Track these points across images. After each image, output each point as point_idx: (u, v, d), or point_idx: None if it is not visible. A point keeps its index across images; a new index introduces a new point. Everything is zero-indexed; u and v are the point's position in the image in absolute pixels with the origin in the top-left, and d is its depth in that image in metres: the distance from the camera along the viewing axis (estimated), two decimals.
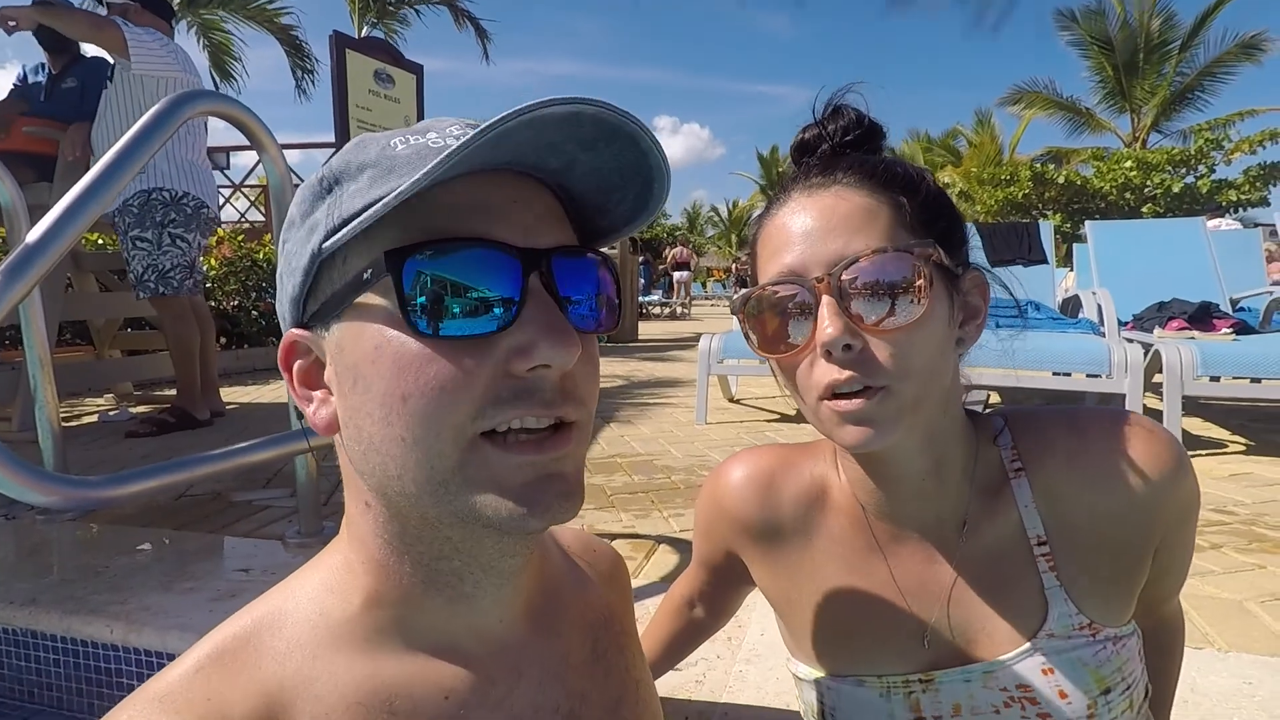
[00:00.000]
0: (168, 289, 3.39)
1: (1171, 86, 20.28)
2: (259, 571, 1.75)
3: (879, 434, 0.62)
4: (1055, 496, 0.69)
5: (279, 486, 2.62)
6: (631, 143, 0.44)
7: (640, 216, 0.50)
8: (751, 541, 0.80)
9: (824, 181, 0.66)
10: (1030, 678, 0.67)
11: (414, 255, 0.41)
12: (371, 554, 0.48)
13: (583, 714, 0.53)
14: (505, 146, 0.40)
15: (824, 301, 0.62)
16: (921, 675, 0.71)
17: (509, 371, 0.42)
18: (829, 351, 0.62)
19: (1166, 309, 4.72)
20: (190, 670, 0.44)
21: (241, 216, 9.40)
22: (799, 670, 0.79)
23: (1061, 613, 0.68)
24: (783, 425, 3.92)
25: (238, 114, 1.71)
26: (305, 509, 1.97)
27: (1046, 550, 0.69)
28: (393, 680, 0.46)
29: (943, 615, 0.71)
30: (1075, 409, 0.75)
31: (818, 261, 0.63)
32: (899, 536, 0.73)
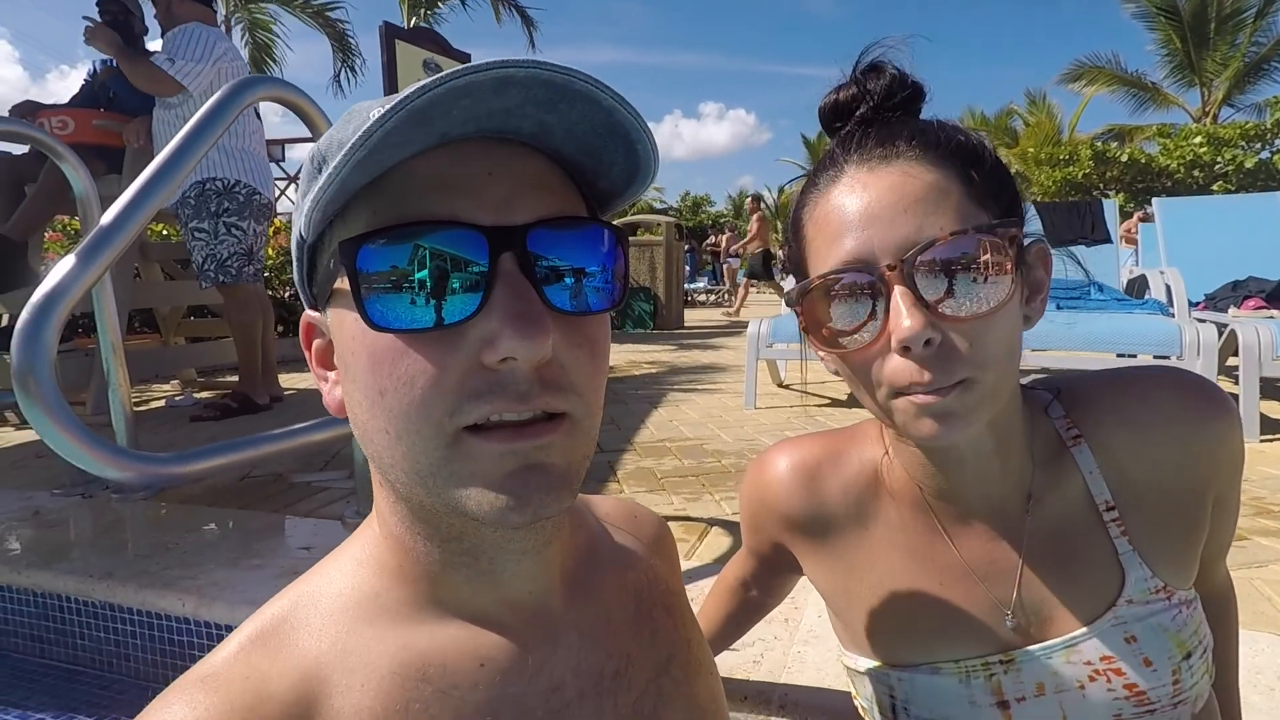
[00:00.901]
0: (227, 277, 3.48)
1: (1245, 58, 19.22)
2: (320, 550, 1.77)
3: (959, 427, 0.58)
4: (1117, 458, 0.67)
5: (336, 469, 2.68)
6: (591, 102, 0.40)
7: (636, 180, 0.46)
8: (800, 536, 0.77)
9: (885, 154, 0.61)
10: (1114, 648, 0.65)
11: (366, 244, 0.39)
12: (392, 530, 0.48)
13: (630, 675, 0.53)
14: (454, 116, 0.38)
15: (897, 292, 0.57)
16: (1001, 656, 0.68)
17: (481, 363, 0.39)
18: (906, 347, 0.57)
19: (1242, 288, 4.51)
20: (233, 652, 0.45)
21: None
22: (857, 664, 0.76)
23: (1138, 577, 0.66)
24: (834, 410, 3.85)
25: (294, 98, 1.75)
26: (362, 489, 2.01)
27: (1116, 515, 0.67)
28: (426, 650, 0.46)
29: (1018, 592, 0.68)
30: (1115, 370, 0.72)
31: (887, 247, 0.58)
32: (962, 516, 0.70)
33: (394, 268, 0.39)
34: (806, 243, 0.65)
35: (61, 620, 1.65)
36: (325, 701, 0.44)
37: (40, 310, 1.14)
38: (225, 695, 0.42)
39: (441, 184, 0.40)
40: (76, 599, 1.63)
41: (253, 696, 0.42)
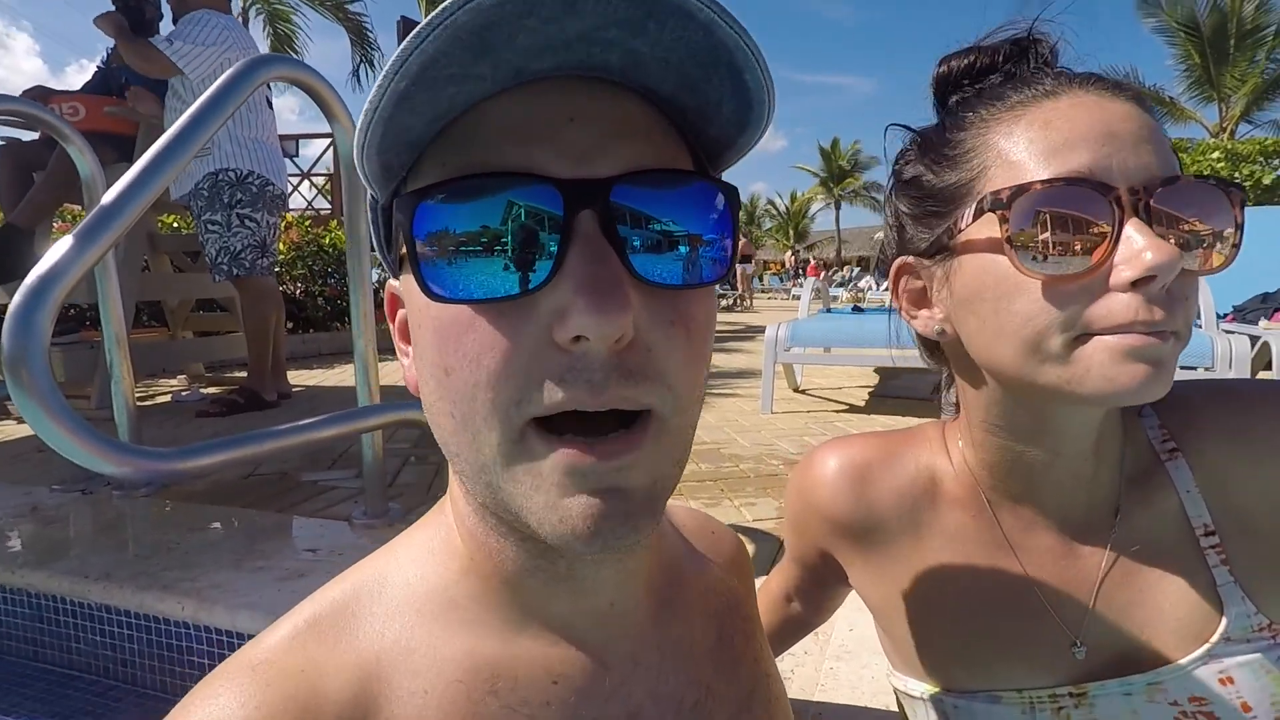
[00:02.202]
0: (240, 270, 3.42)
1: (1264, 74, 19.17)
2: (326, 552, 1.72)
3: (1163, 379, 0.51)
4: (1222, 478, 0.61)
5: (344, 468, 2.60)
6: (686, 16, 0.32)
7: (750, 123, 0.38)
8: (847, 542, 0.71)
9: (1113, 88, 0.54)
10: (1206, 689, 0.59)
11: (425, 200, 0.34)
12: (464, 520, 0.43)
13: (711, 708, 0.47)
14: (521, 44, 0.32)
15: (1134, 222, 0.50)
16: (1072, 689, 0.62)
17: (553, 341, 0.33)
18: (1144, 280, 0.49)
19: (1272, 299, 4.43)
20: (286, 638, 0.41)
21: (309, 204, 9.61)
22: (909, 687, 0.70)
23: (1239, 612, 0.59)
24: (851, 416, 3.77)
25: (310, 80, 1.67)
26: (371, 489, 1.94)
27: (1216, 541, 0.60)
28: (495, 658, 0.42)
29: (1093, 618, 0.62)
30: (1225, 381, 0.65)
31: (1125, 172, 0.51)
32: (1033, 530, 0.64)
33: (456, 228, 0.34)
34: (988, 158, 0.56)
35: (57, 622, 1.58)
36: (385, 706, 0.40)
37: (34, 294, 1.07)
38: (279, 689, 0.38)
39: (514, 130, 0.34)
40: (72, 600, 1.55)
41: (307, 693, 0.38)
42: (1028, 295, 0.53)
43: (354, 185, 1.80)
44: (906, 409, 3.91)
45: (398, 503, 2.03)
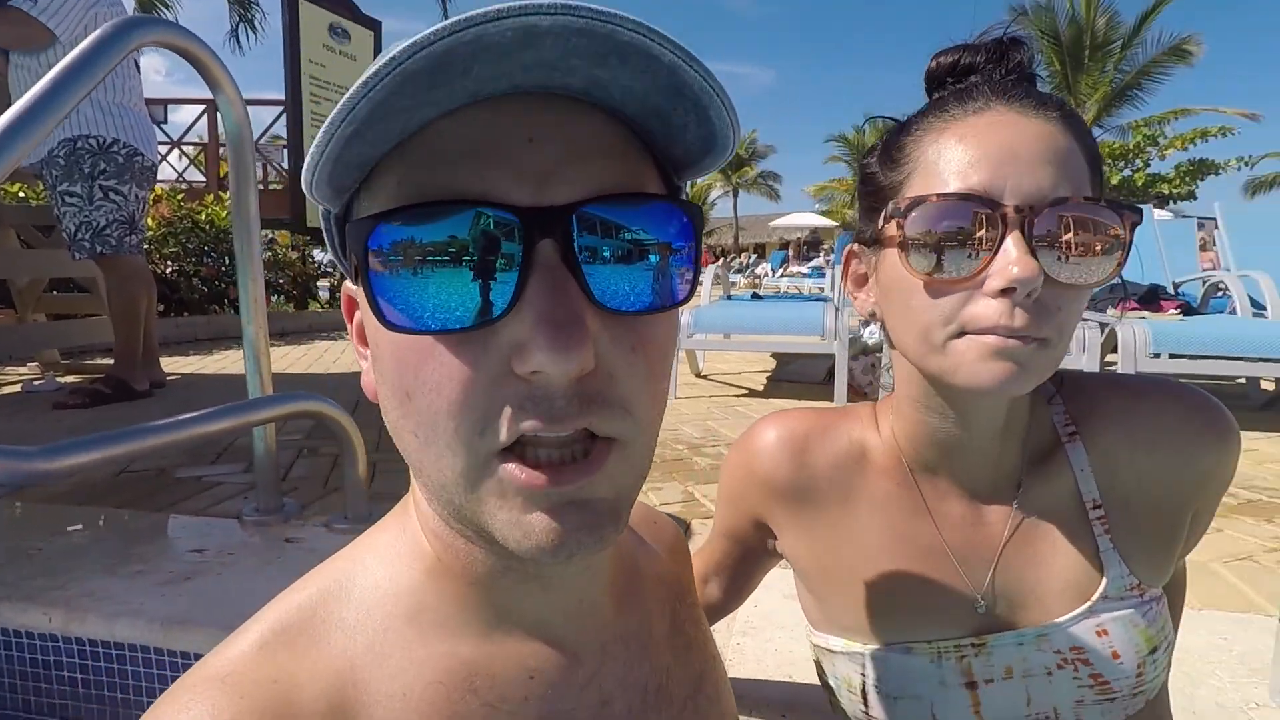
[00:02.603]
0: (106, 248, 3.13)
1: (1113, 83, 20.99)
2: (215, 552, 1.61)
3: (1021, 381, 0.58)
4: (1112, 460, 0.69)
5: (230, 461, 2.45)
6: (648, 56, 0.32)
7: (715, 146, 0.38)
8: (783, 506, 0.76)
9: (1038, 106, 0.59)
10: (1084, 639, 0.67)
11: (378, 226, 0.33)
12: (429, 523, 0.43)
13: (671, 689, 0.50)
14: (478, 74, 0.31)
15: (1014, 236, 0.56)
16: (974, 639, 0.69)
17: (512, 371, 0.33)
18: (1007, 290, 0.56)
19: (1118, 290, 4.90)
20: (254, 648, 0.40)
21: (179, 176, 8.90)
22: (829, 643, 0.76)
23: (1116, 574, 0.67)
24: (752, 400, 3.89)
25: (190, 46, 1.53)
26: (263, 484, 1.84)
27: (1101, 514, 0.68)
28: (472, 658, 0.42)
29: (994, 578, 0.69)
30: (1126, 375, 0.75)
31: (1018, 190, 0.56)
32: (947, 498, 0.71)
33: (411, 256, 0.33)
34: (918, 164, 0.62)
35: None
36: (363, 712, 0.39)
37: None
38: (253, 702, 0.36)
39: (471, 151, 0.33)
40: None
41: (282, 704, 0.37)
42: (920, 293, 0.61)
43: (242, 161, 1.67)
44: (801, 392, 4.07)
45: (292, 498, 1.94)
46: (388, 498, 2.09)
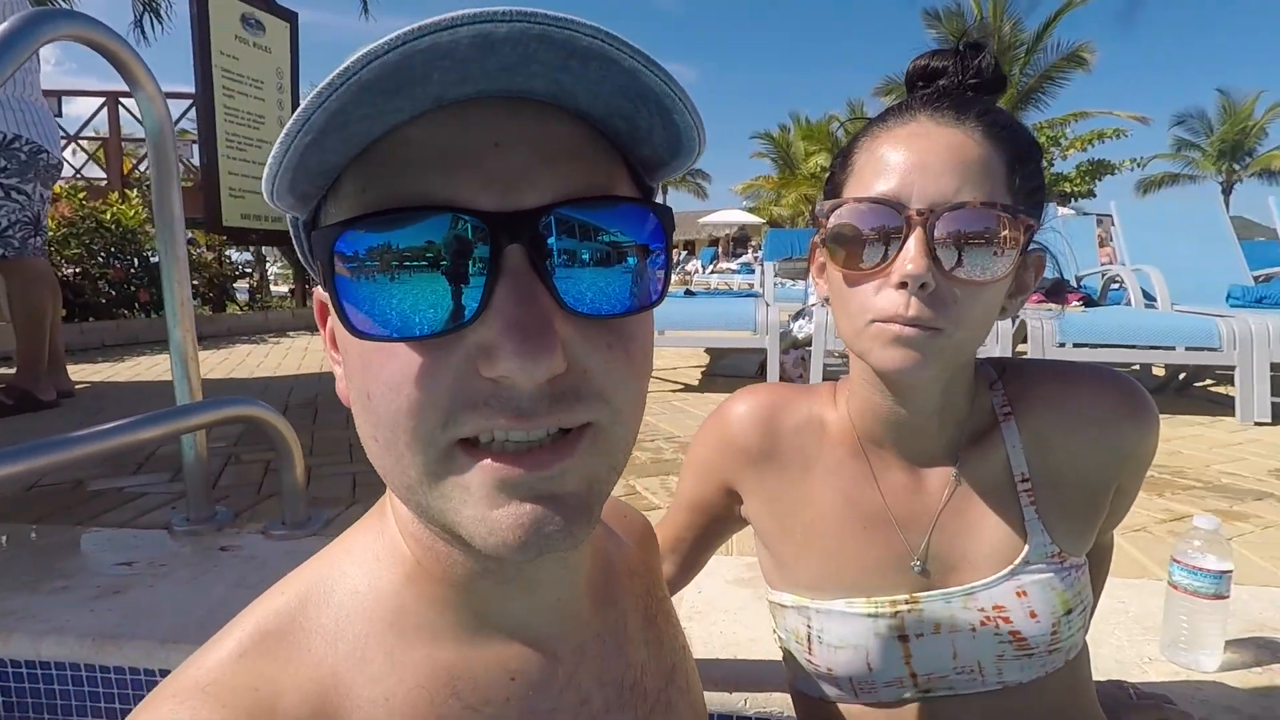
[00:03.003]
0: (9, 250, 2.95)
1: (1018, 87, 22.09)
2: (144, 564, 1.57)
3: (921, 365, 0.65)
4: (1042, 439, 0.75)
5: (155, 470, 2.36)
6: (608, 61, 0.32)
7: (680, 149, 0.38)
8: (752, 470, 0.82)
9: (957, 117, 0.66)
10: (1006, 599, 0.73)
11: (345, 233, 0.32)
12: (407, 526, 0.43)
13: (645, 683, 0.51)
14: (439, 80, 0.31)
15: (915, 236, 0.63)
16: (908, 597, 0.75)
17: (478, 372, 0.33)
18: (904, 284, 0.63)
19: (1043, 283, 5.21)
20: (233, 655, 0.39)
21: (77, 172, 8.39)
22: (782, 599, 0.82)
23: (1038, 542, 0.74)
24: (687, 394, 3.96)
25: (106, 41, 1.48)
26: (194, 492, 1.79)
27: (1029, 487, 0.75)
28: (453, 661, 0.42)
29: (930, 541, 0.76)
30: (1061, 363, 0.81)
31: (923, 195, 0.63)
32: (891, 468, 0.77)
33: (378, 263, 0.32)
34: (854, 168, 0.70)
35: None
36: (345, 718, 0.39)
37: None
38: (233, 710, 0.36)
39: (437, 158, 0.33)
40: None
41: (264, 712, 0.36)
42: (844, 284, 0.69)
43: (164, 159, 1.62)
44: (736, 386, 4.07)
45: (224, 505, 1.89)
46: (325, 503, 2.05)
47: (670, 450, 2.82)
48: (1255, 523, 2.08)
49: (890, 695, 0.77)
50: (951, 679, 0.75)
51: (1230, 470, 2.63)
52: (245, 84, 6.66)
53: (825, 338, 3.78)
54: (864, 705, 0.78)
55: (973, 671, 0.74)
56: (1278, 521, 2.09)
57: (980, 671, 0.74)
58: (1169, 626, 1.23)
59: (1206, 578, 1.17)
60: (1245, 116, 28.31)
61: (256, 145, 6.82)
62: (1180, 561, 1.20)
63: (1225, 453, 2.89)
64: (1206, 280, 4.45)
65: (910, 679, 0.76)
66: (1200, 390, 4.26)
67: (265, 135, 7.02)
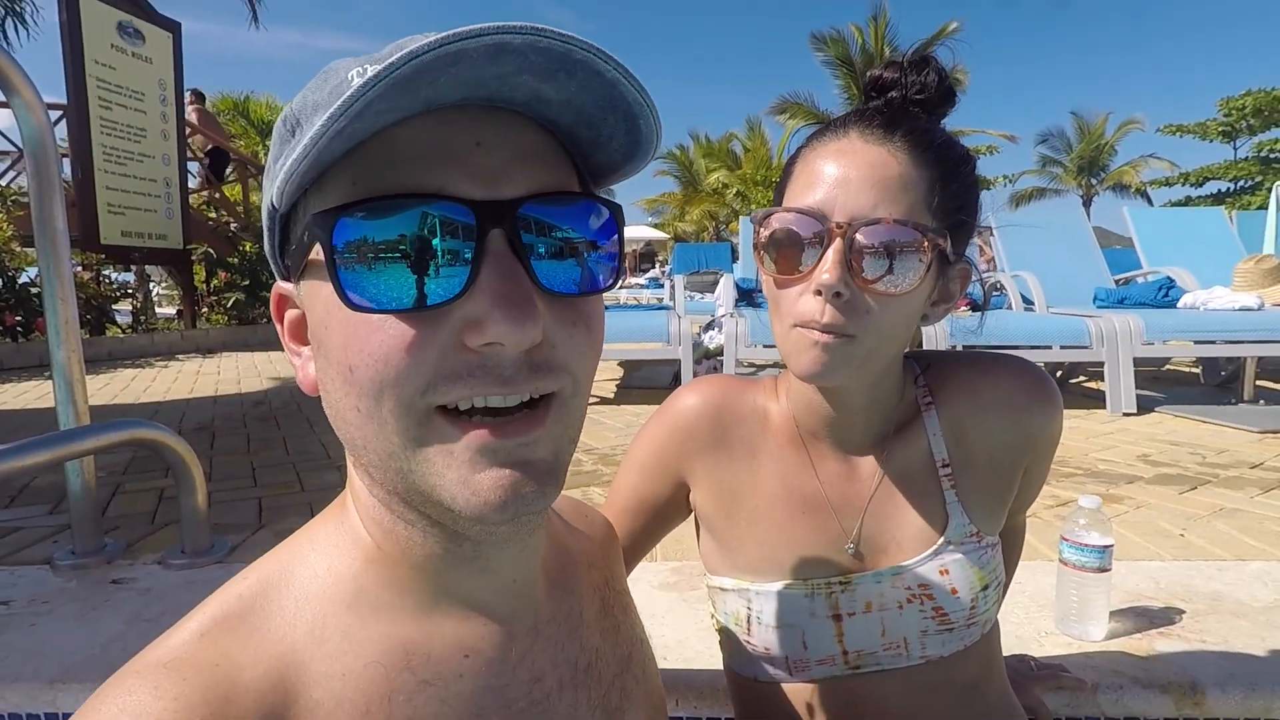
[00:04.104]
0: None
1: None
2: (24, 602, 1.44)
3: (832, 371, 0.69)
4: (959, 426, 0.80)
5: (31, 503, 2.17)
6: (593, 73, 0.37)
7: (638, 154, 0.43)
8: (701, 458, 0.84)
9: (883, 135, 0.69)
10: (930, 578, 0.77)
11: (345, 216, 0.36)
12: (369, 512, 0.44)
13: (600, 668, 0.53)
14: (441, 85, 0.34)
15: (834, 246, 0.66)
16: (840, 578, 0.79)
17: (463, 344, 0.37)
18: (819, 292, 0.67)
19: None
20: (195, 635, 0.40)
21: None
22: (722, 583, 0.84)
23: (958, 523, 0.78)
24: (603, 407, 3.97)
25: None
26: (81, 524, 1.66)
27: (949, 472, 0.79)
28: (409, 638, 0.43)
29: (862, 525, 0.79)
30: (976, 354, 0.86)
31: (844, 209, 0.67)
32: (826, 458, 0.81)
33: (373, 243, 0.36)
34: (793, 177, 0.74)
35: None
36: (304, 692, 0.40)
37: None
38: (196, 683, 0.37)
39: (427, 154, 0.37)
40: None
41: (226, 684, 0.38)
42: (772, 288, 0.73)
43: (45, 172, 1.51)
44: (650, 398, 4.19)
45: (114, 536, 1.76)
46: (228, 529, 1.95)
47: (590, 462, 2.83)
48: (1129, 503, 2.29)
49: (822, 673, 0.80)
50: (879, 655, 0.78)
51: (1105, 458, 2.88)
52: (124, 95, 6.27)
53: (736, 347, 3.89)
54: (798, 683, 0.81)
55: (899, 647, 0.78)
56: (1149, 501, 2.31)
57: (905, 647, 0.78)
58: (1061, 602, 1.32)
59: (1092, 553, 1.26)
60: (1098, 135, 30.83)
61: (138, 160, 6.43)
62: (1069, 540, 1.28)
63: (1100, 441, 3.17)
64: (1075, 284, 4.87)
65: (842, 656, 0.79)
66: (1075, 385, 4.65)
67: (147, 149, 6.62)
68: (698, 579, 1.51)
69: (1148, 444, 3.10)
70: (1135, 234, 5.47)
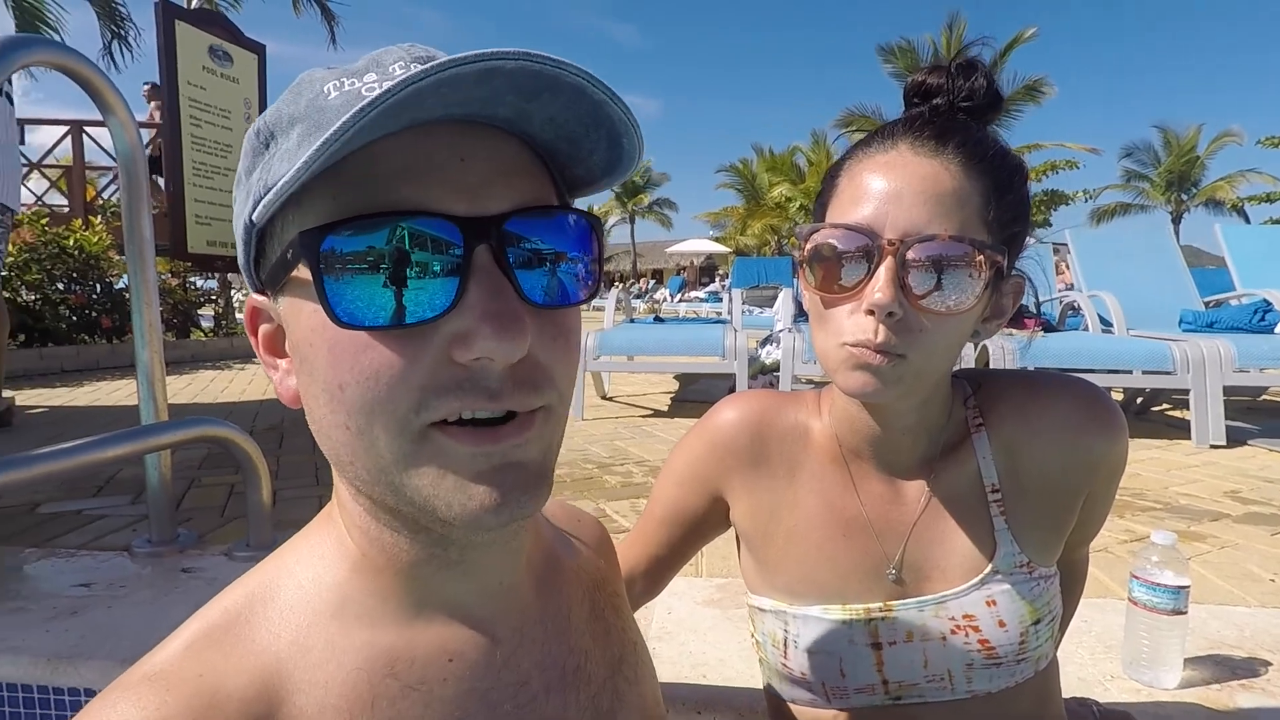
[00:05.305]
0: None
1: None
2: (104, 585, 1.53)
3: (880, 391, 0.66)
4: (1011, 450, 0.76)
5: (115, 493, 2.31)
6: (579, 94, 0.37)
7: (618, 169, 0.44)
8: (740, 474, 0.83)
9: (935, 147, 0.66)
10: (975, 608, 0.74)
11: (331, 234, 0.36)
12: (355, 520, 0.45)
13: (590, 670, 0.52)
14: (429, 104, 0.35)
15: (886, 265, 0.64)
16: (882, 605, 0.76)
17: (451, 359, 0.37)
18: (872, 311, 0.64)
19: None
20: (180, 649, 0.41)
21: (38, 199, 8.24)
22: (761, 603, 0.82)
23: (1007, 552, 0.74)
24: (657, 420, 3.98)
25: (80, 68, 1.48)
26: (157, 514, 1.75)
27: (999, 496, 0.75)
28: (392, 645, 0.44)
29: (905, 550, 0.76)
30: (1031, 372, 0.82)
31: (895, 226, 0.64)
32: (870, 479, 0.78)
33: (361, 260, 0.36)
34: (837, 190, 0.71)
35: None
36: (288, 699, 0.40)
37: None
38: (179, 694, 0.38)
39: (411, 170, 0.37)
40: None
41: (209, 694, 0.38)
42: (819, 306, 0.70)
43: (135, 184, 1.61)
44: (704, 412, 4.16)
45: (187, 528, 1.85)
46: (290, 525, 2.02)
47: (640, 474, 2.83)
48: (1212, 543, 2.14)
49: (861, 701, 0.77)
50: (922, 687, 0.75)
51: (1187, 492, 2.70)
52: (213, 113, 6.65)
53: (793, 363, 3.84)
54: (836, 710, 0.79)
55: (942, 679, 0.75)
56: (1234, 541, 2.15)
57: (950, 680, 0.75)
58: (1130, 644, 1.22)
59: (1165, 594, 1.17)
60: (1189, 149, 29.16)
61: (223, 174, 6.79)
62: (1139, 577, 1.20)
63: (1182, 474, 2.98)
64: (1159, 306, 4.59)
65: (881, 685, 0.76)
66: (1158, 414, 4.39)
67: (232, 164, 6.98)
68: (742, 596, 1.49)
69: (1237, 479, 2.89)
70: (1228, 253, 5.10)
